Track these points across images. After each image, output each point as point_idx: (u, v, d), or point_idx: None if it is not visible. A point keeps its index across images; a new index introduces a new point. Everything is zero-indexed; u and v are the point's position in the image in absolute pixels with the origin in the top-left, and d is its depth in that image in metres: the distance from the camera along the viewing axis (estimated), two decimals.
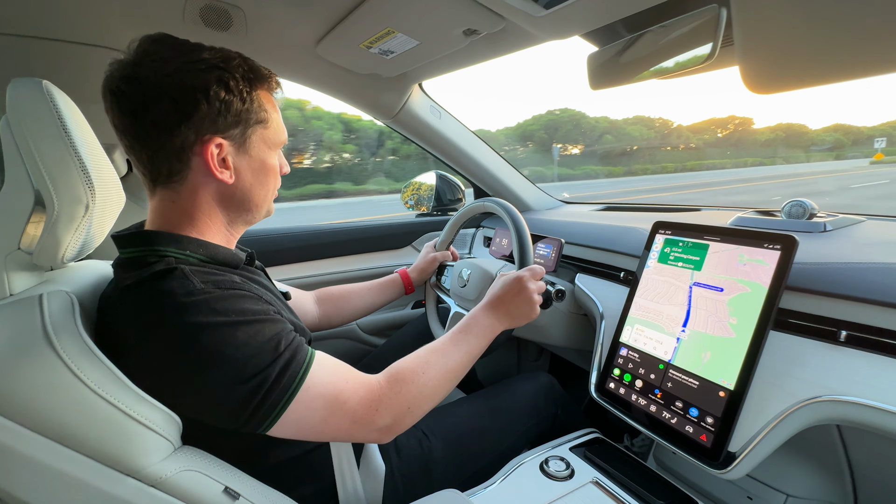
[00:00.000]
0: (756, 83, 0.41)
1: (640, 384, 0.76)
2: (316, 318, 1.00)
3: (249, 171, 0.61)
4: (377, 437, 0.59)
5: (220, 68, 0.56)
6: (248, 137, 0.60)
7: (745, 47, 0.41)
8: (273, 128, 0.63)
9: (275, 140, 0.63)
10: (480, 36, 0.84)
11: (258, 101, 0.60)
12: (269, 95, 0.63)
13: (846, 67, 0.37)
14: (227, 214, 0.63)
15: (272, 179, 0.65)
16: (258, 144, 0.61)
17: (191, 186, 0.58)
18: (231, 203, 0.62)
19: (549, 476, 0.74)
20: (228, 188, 0.60)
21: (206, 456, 0.53)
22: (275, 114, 0.63)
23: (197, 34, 0.88)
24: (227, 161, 0.58)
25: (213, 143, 0.56)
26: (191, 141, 0.55)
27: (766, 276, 0.65)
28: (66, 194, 0.52)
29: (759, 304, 0.64)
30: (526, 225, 0.87)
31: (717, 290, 0.70)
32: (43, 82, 0.53)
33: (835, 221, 0.82)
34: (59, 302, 0.51)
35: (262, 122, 0.61)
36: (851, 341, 0.59)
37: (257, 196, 0.63)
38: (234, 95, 0.56)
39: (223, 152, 0.58)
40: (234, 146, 0.59)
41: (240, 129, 0.58)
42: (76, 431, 0.45)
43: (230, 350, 0.49)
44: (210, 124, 0.56)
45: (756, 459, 0.60)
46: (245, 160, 0.60)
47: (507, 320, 0.75)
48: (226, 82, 0.56)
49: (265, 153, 0.62)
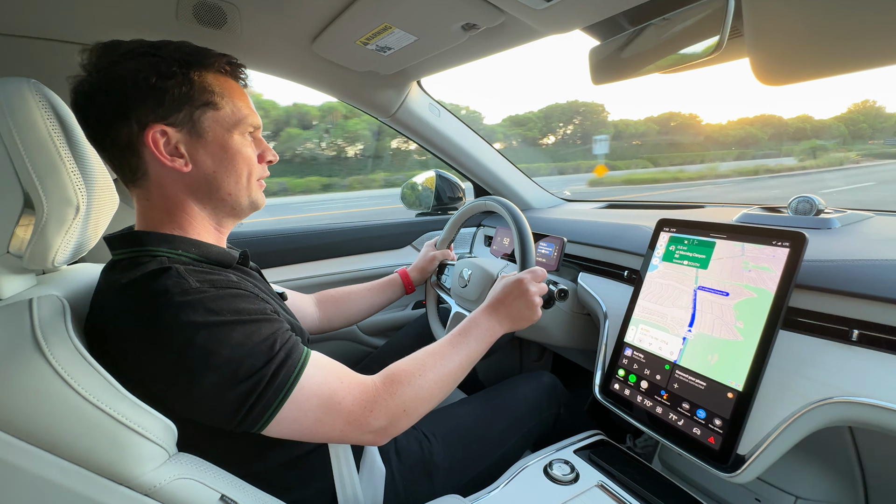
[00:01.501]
0: (767, 74, 0.40)
1: (645, 385, 0.75)
2: (317, 320, 0.99)
3: (208, 156, 0.59)
4: (372, 438, 0.58)
5: (150, 54, 0.55)
6: (198, 121, 0.57)
7: (755, 38, 0.40)
8: (228, 110, 0.59)
9: (232, 122, 0.60)
10: (479, 31, 0.83)
11: (201, 83, 0.57)
12: (223, 78, 0.60)
13: (861, 57, 0.35)
14: (204, 207, 0.61)
15: (241, 165, 0.61)
16: (212, 127, 0.58)
17: (156, 182, 0.58)
18: (200, 193, 0.60)
19: (554, 480, 0.72)
20: (192, 178, 0.58)
21: (201, 463, 0.52)
22: (231, 96, 0.60)
23: (190, 31, 0.87)
24: (179, 148, 0.57)
25: (153, 130, 0.55)
26: (135, 132, 0.55)
27: (771, 282, 0.64)
28: (56, 196, 0.51)
29: (767, 307, 0.63)
30: (528, 225, 0.86)
31: (722, 294, 0.69)
32: (31, 81, 0.52)
33: (843, 217, 0.81)
34: (50, 306, 0.49)
35: (209, 105, 0.58)
36: (864, 340, 0.57)
37: (227, 184, 0.60)
38: (167, 79, 0.54)
39: (172, 139, 0.56)
40: (183, 132, 0.57)
41: (184, 113, 0.56)
42: (67, 440, 0.44)
43: (225, 350, 0.49)
44: (149, 112, 0.54)
45: (766, 462, 0.58)
46: (200, 145, 0.58)
47: (507, 323, 0.74)
48: (156, 67, 0.54)
49: (223, 136, 0.59)
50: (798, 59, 0.38)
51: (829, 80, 0.40)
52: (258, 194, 0.65)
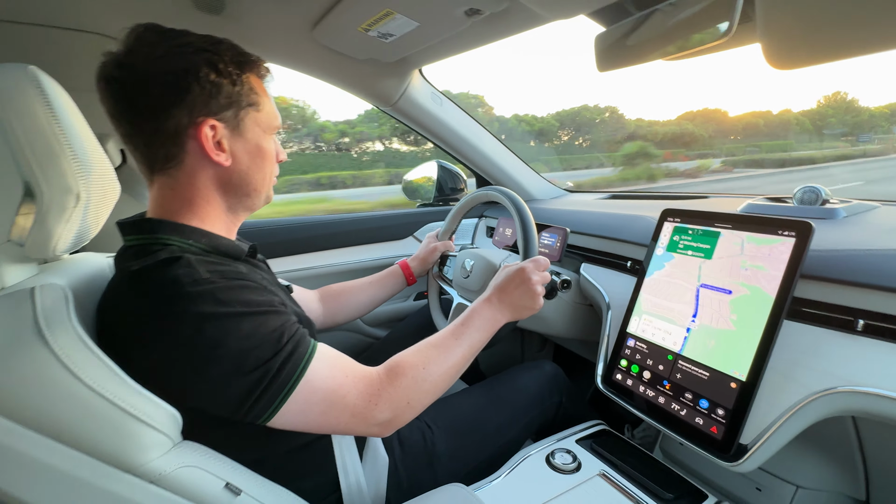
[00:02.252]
0: (779, 59, 0.39)
1: (648, 375, 0.75)
2: (321, 316, 0.99)
3: (245, 153, 0.61)
4: (377, 431, 0.58)
5: (209, 51, 0.56)
6: (242, 120, 0.60)
7: (767, 22, 0.39)
8: (266, 111, 0.63)
9: (268, 124, 0.64)
10: (483, 16, 0.81)
11: (248, 85, 0.60)
12: (259, 81, 0.63)
13: (875, 39, 0.34)
14: (227, 200, 0.63)
15: (269, 164, 0.65)
16: (252, 127, 0.61)
17: (188, 171, 0.59)
18: (229, 187, 0.62)
19: (556, 469, 0.73)
20: (226, 172, 0.60)
21: (206, 451, 0.52)
22: (266, 98, 0.63)
23: (188, 17, 0.86)
24: (222, 144, 0.59)
25: (206, 124, 0.56)
26: (184, 124, 0.56)
27: (765, 280, 0.64)
28: (56, 184, 0.50)
29: (759, 303, 0.63)
30: (531, 215, 0.85)
31: (725, 291, 0.69)
32: (30, 68, 0.51)
33: (849, 207, 0.80)
34: (52, 295, 0.49)
35: (253, 105, 0.61)
36: (869, 330, 0.57)
37: (255, 180, 0.63)
38: (224, 77, 0.57)
39: (218, 135, 0.58)
40: (228, 129, 0.59)
41: (232, 111, 0.59)
42: (71, 428, 0.44)
43: (233, 341, 0.49)
44: (202, 106, 0.56)
45: (768, 452, 0.59)
46: (240, 143, 0.61)
47: (509, 313, 0.74)
48: (215, 64, 0.56)
49: (260, 136, 0.63)
50: (811, 43, 0.37)
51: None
52: (271, 190, 0.69)
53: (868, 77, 65.37)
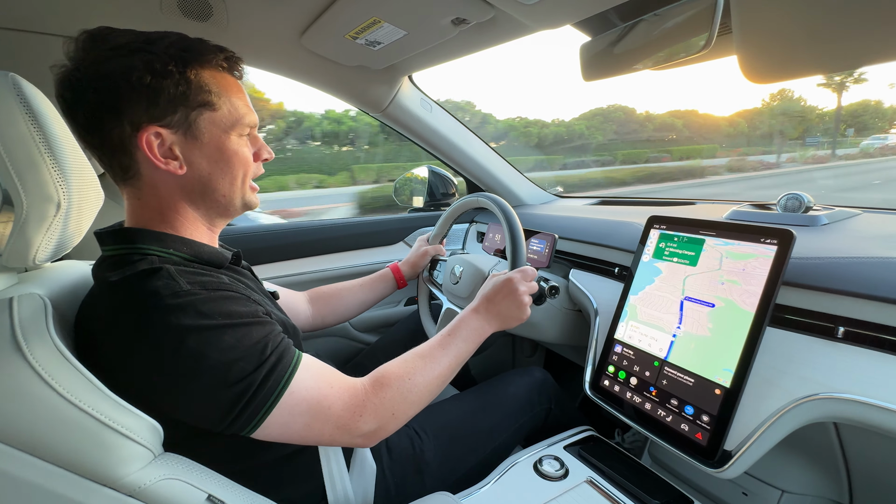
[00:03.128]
0: (755, 72, 0.40)
1: (634, 381, 0.75)
2: (309, 318, 0.98)
3: (204, 159, 0.57)
4: (361, 441, 0.58)
5: (143, 50, 0.51)
6: (194, 122, 0.55)
7: (743, 35, 0.39)
8: (225, 110, 0.57)
9: (229, 122, 0.57)
10: (470, 25, 0.82)
11: (198, 82, 0.54)
12: (220, 74, 0.57)
13: (850, 56, 0.35)
14: (198, 209, 0.60)
15: (238, 167, 0.59)
16: (209, 129, 0.56)
17: (148, 182, 0.56)
18: (195, 196, 0.58)
19: (544, 476, 0.73)
20: (186, 180, 0.57)
21: (188, 463, 0.51)
22: (228, 95, 0.58)
23: (175, 24, 0.85)
24: (173, 150, 0.55)
25: (148, 132, 0.53)
26: (127, 133, 0.53)
27: (737, 294, 0.66)
28: (36, 193, 0.50)
29: (731, 315, 0.65)
30: (519, 223, 0.86)
31: (708, 305, 0.70)
32: (10, 75, 0.50)
33: (831, 215, 0.81)
34: (31, 305, 0.48)
35: (207, 105, 0.55)
36: (850, 338, 0.58)
37: (221, 186, 0.59)
38: (163, 78, 0.52)
39: (166, 141, 0.54)
40: (178, 134, 0.54)
41: (179, 114, 0.54)
42: (48, 441, 0.44)
43: (215, 354, 0.48)
44: (142, 113, 0.52)
45: (752, 458, 0.59)
46: (196, 147, 0.56)
47: (496, 322, 0.74)
48: (150, 65, 0.51)
49: (220, 138, 0.57)
50: (785, 57, 0.38)
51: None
52: (251, 196, 0.64)
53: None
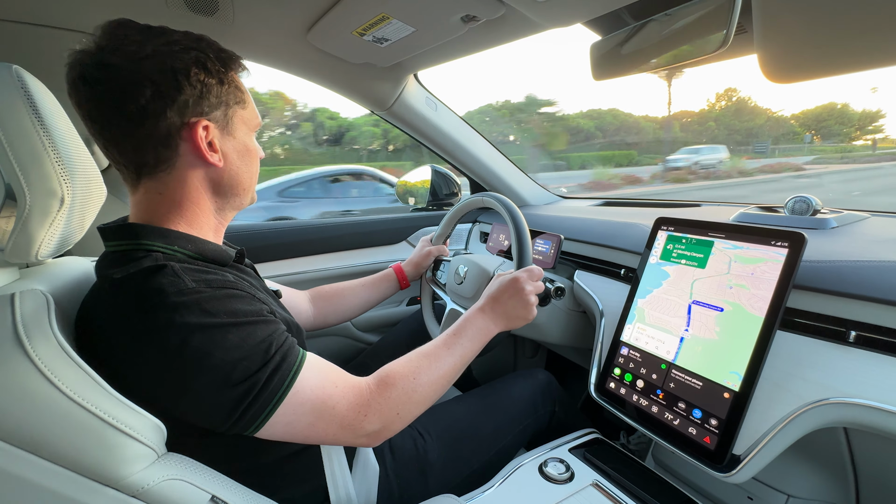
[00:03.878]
0: (775, 72, 0.39)
1: (641, 384, 0.75)
2: (311, 317, 0.98)
3: (235, 153, 0.61)
4: (366, 441, 0.57)
5: (195, 49, 0.55)
6: (231, 119, 0.59)
7: (764, 35, 0.39)
8: (250, 109, 0.63)
9: (253, 121, 0.64)
10: (479, 23, 0.81)
11: (235, 83, 0.59)
12: (240, 79, 0.62)
13: (874, 55, 0.35)
14: (216, 201, 0.62)
15: (255, 162, 0.65)
16: (240, 126, 0.61)
17: (179, 174, 0.57)
18: (220, 188, 0.61)
19: (549, 479, 0.72)
20: (217, 173, 0.59)
21: (191, 463, 0.50)
22: (248, 96, 0.63)
23: (180, 19, 0.84)
24: (214, 144, 0.58)
25: (200, 125, 0.55)
26: (177, 126, 0.54)
27: (745, 298, 0.65)
28: (39, 187, 0.49)
29: (743, 323, 0.64)
30: (525, 223, 0.85)
31: (716, 309, 0.69)
32: (14, 67, 0.49)
33: (840, 218, 0.81)
34: (33, 301, 0.47)
35: (240, 104, 0.60)
36: (861, 342, 0.57)
37: (244, 179, 0.63)
38: (212, 77, 0.56)
39: (210, 135, 0.57)
40: (218, 129, 0.58)
41: (221, 110, 0.58)
42: (50, 440, 0.43)
43: (220, 353, 0.48)
44: (194, 107, 0.55)
45: (761, 463, 0.59)
46: (230, 143, 0.60)
47: (502, 322, 0.73)
48: (203, 63, 0.55)
49: (246, 135, 0.62)
50: (808, 57, 0.37)
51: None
52: (254, 191, 0.68)
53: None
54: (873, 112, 30.41)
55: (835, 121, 28.73)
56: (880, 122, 30.42)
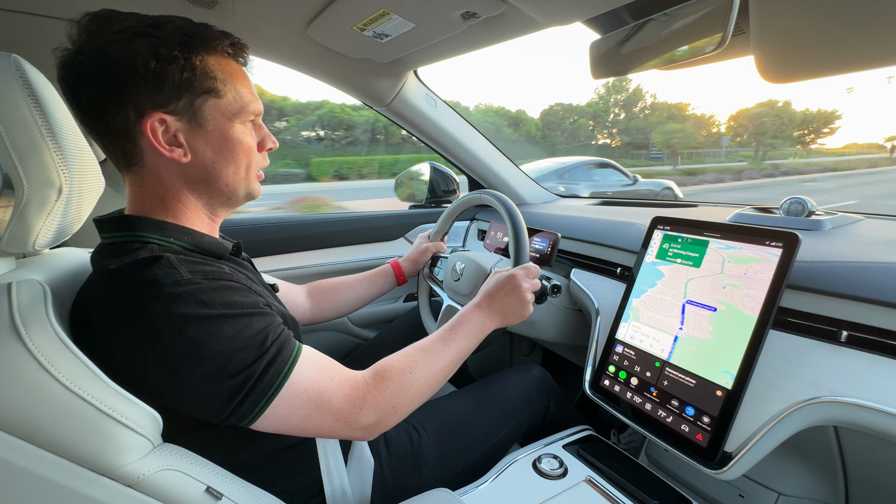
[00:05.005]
0: (772, 72, 0.39)
1: (635, 382, 0.75)
2: (308, 311, 0.98)
3: (208, 147, 0.56)
4: (361, 434, 0.57)
5: (148, 35, 0.50)
6: (199, 110, 0.54)
7: (761, 36, 0.39)
8: (230, 97, 0.56)
9: (234, 110, 0.57)
10: (479, 20, 0.81)
11: (203, 68, 0.53)
12: (225, 61, 0.57)
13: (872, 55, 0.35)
14: (200, 197, 0.59)
15: (242, 156, 0.59)
16: (213, 116, 0.55)
17: (151, 169, 0.55)
18: (198, 185, 0.58)
19: (542, 474, 0.72)
20: (190, 168, 0.56)
21: (186, 454, 0.51)
22: (234, 82, 0.57)
23: (179, 10, 0.84)
24: (178, 138, 0.54)
25: (153, 118, 0.52)
26: (131, 119, 0.52)
27: (738, 298, 0.66)
28: (37, 177, 0.49)
29: (736, 322, 0.65)
30: (523, 220, 0.85)
31: (710, 308, 0.70)
32: (13, 56, 0.49)
33: (834, 220, 0.81)
34: (30, 291, 0.47)
35: (212, 92, 0.54)
36: (852, 342, 0.58)
37: (225, 175, 0.58)
38: (167, 63, 0.51)
39: (171, 128, 0.53)
40: (182, 121, 0.54)
41: (184, 101, 0.53)
42: (46, 429, 0.43)
43: (216, 344, 0.48)
44: (147, 99, 0.51)
45: (753, 460, 0.59)
46: (200, 135, 0.55)
47: (499, 319, 0.73)
48: (156, 50, 0.50)
49: (225, 126, 0.56)
50: (805, 58, 0.37)
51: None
52: (255, 185, 0.63)
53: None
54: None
55: (772, 120, 26.66)
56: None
